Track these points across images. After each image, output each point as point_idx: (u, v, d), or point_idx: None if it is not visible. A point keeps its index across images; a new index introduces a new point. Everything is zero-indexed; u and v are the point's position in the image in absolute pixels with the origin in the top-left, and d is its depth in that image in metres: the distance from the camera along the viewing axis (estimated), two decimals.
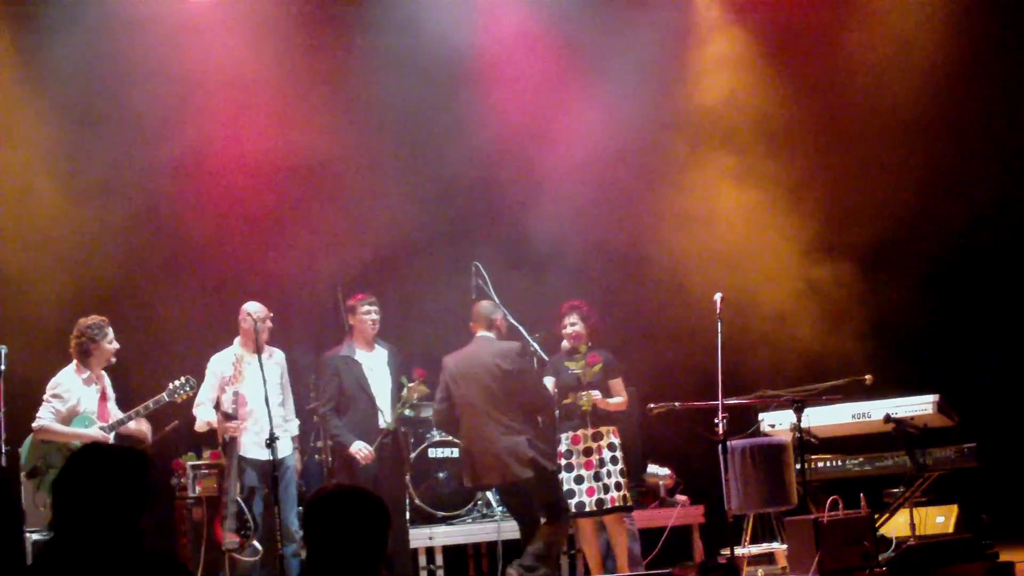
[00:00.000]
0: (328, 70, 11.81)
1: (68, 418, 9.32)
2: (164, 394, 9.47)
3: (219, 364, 9.87)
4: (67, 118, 11.02)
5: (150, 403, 9.44)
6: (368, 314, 9.92)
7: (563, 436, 9.80)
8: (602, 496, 9.65)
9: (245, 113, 11.40)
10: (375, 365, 9.94)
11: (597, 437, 9.74)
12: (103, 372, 9.57)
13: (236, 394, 9.59)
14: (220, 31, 11.26)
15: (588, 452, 9.72)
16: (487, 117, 11.98)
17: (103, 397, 9.51)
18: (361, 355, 9.94)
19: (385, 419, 9.77)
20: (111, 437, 9.28)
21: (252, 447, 9.64)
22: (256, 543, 9.40)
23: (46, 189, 10.91)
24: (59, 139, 10.99)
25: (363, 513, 4.11)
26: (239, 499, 9.47)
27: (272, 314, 9.90)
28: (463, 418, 9.64)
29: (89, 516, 3.92)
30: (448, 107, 11.90)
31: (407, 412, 10.03)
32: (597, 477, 9.66)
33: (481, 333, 9.82)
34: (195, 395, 9.65)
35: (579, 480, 9.69)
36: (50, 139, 10.97)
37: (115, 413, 9.53)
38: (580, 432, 9.75)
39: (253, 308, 9.77)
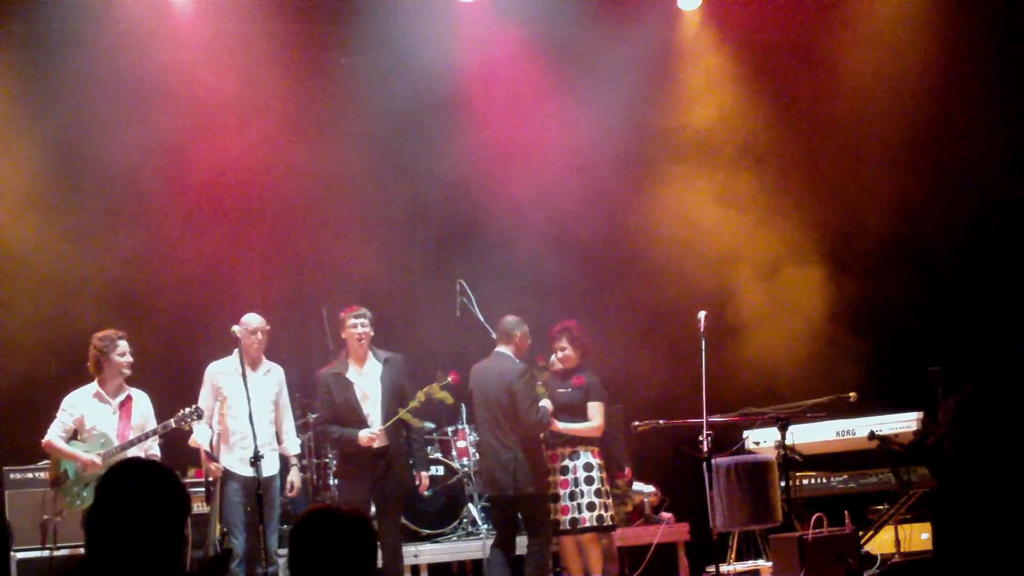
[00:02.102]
0: (312, 90, 11.83)
1: (79, 434, 9.22)
2: (172, 420, 9.27)
3: (216, 371, 9.72)
4: (48, 146, 11.01)
5: (158, 428, 9.31)
6: (354, 327, 9.75)
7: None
8: (576, 515, 9.68)
9: (229, 134, 11.40)
10: (367, 383, 9.78)
11: (574, 456, 9.77)
12: (132, 391, 9.42)
13: (217, 435, 9.51)
14: (202, 53, 11.25)
15: (564, 471, 9.74)
16: (471, 135, 12.00)
17: (124, 416, 9.33)
18: (353, 371, 9.79)
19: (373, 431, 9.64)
20: (102, 464, 9.02)
21: (236, 463, 9.55)
22: None
23: (28, 216, 10.91)
24: (40, 166, 10.98)
25: (349, 535, 4.05)
26: (216, 541, 9.46)
27: (267, 328, 9.81)
28: (477, 428, 9.75)
29: (126, 537, 3.85)
30: (433, 125, 11.91)
31: (407, 416, 9.76)
32: (572, 496, 9.68)
33: (499, 348, 9.87)
34: (197, 421, 9.44)
35: (555, 498, 9.71)
36: (31, 167, 10.96)
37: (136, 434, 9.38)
38: (558, 451, 9.77)
39: (247, 320, 9.70)
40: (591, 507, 9.68)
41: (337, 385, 9.74)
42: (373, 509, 9.78)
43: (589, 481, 9.70)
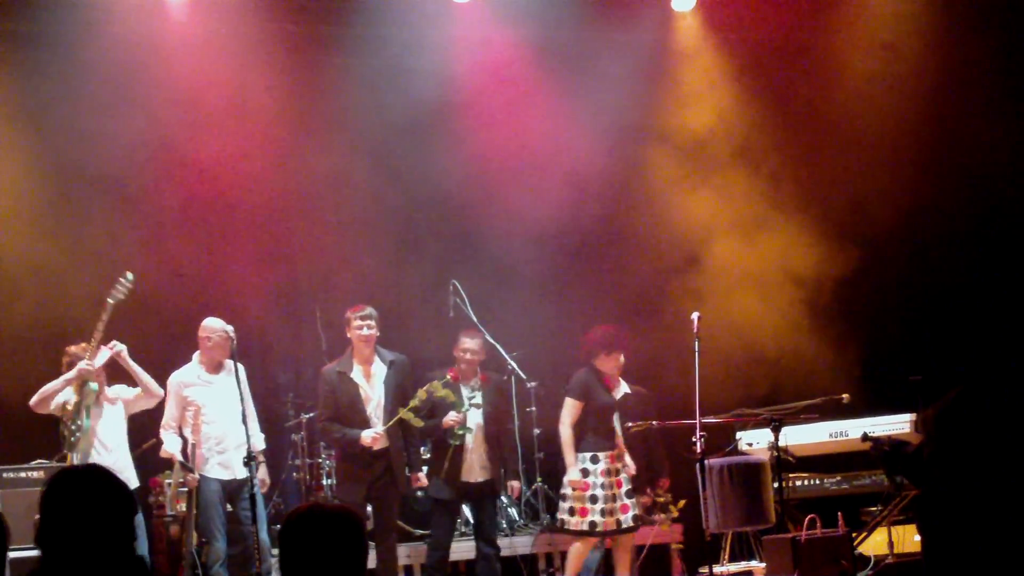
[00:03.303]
0: (307, 89, 11.79)
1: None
2: (109, 300, 9.19)
3: (179, 382, 9.72)
4: (42, 145, 11.00)
5: (100, 324, 9.19)
6: (360, 329, 9.70)
7: (602, 455, 9.90)
8: (636, 512, 9.97)
9: (224, 134, 11.36)
10: (372, 384, 9.76)
11: (619, 458, 10.00)
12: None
13: (193, 446, 9.50)
14: (197, 53, 11.23)
15: (616, 472, 9.97)
16: (466, 136, 11.98)
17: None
18: (358, 372, 9.76)
19: (377, 431, 9.64)
20: (94, 365, 9.24)
21: (215, 467, 9.57)
22: None
23: (21, 215, 10.91)
24: (33, 165, 10.97)
25: (339, 533, 4.06)
26: (193, 551, 9.46)
27: (230, 329, 9.62)
28: None
29: (79, 537, 3.89)
30: (428, 125, 11.88)
31: (408, 415, 9.69)
32: (629, 495, 9.94)
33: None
34: (134, 287, 9.33)
35: (615, 499, 9.87)
36: (25, 166, 10.96)
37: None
38: (613, 452, 9.94)
39: (216, 324, 9.66)
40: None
41: (341, 384, 9.72)
42: (369, 509, 9.79)
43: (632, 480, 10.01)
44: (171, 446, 9.57)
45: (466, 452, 10.08)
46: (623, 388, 10.40)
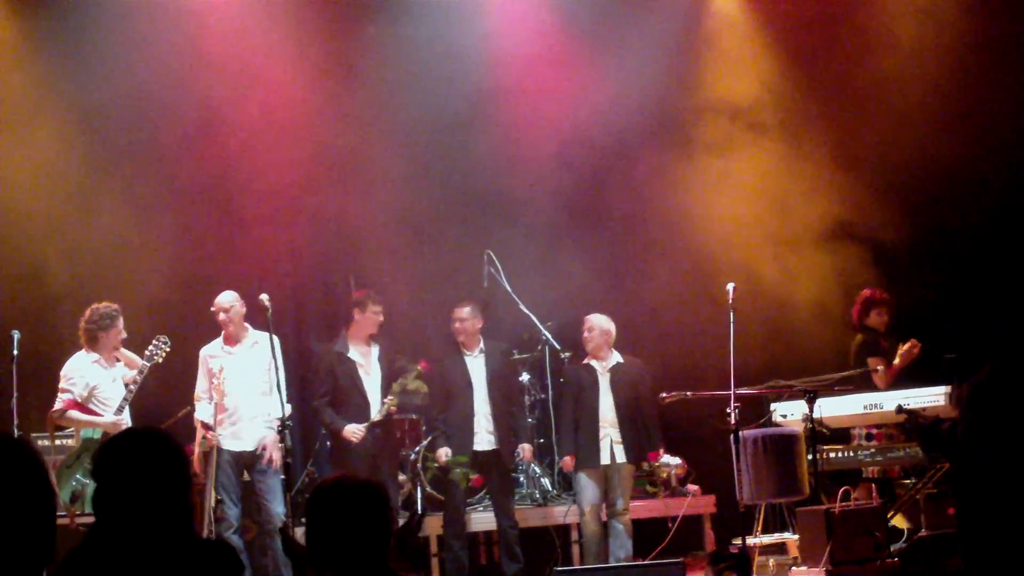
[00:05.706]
0: (342, 57, 11.79)
1: (88, 401, 9.35)
2: (144, 362, 9.37)
3: (206, 355, 9.83)
4: (82, 102, 11.01)
5: (137, 377, 9.34)
6: (378, 314, 10.14)
7: None
8: None
9: (259, 99, 11.39)
10: (368, 362, 10.13)
11: None
12: (122, 359, 9.56)
13: (215, 406, 9.58)
14: (233, 17, 11.26)
15: None
16: (500, 103, 11.95)
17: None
18: (355, 351, 10.11)
19: (373, 413, 9.94)
20: (125, 419, 9.23)
21: (228, 439, 9.64)
22: None
23: (55, 189, 10.95)
24: (73, 127, 11.00)
25: (365, 505, 4.11)
26: (210, 511, 9.56)
27: (230, 306, 9.75)
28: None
29: (133, 502, 3.83)
30: (464, 97, 11.84)
31: (391, 405, 9.98)
32: None
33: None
34: (168, 350, 9.48)
35: None
36: (65, 129, 10.99)
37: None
38: None
39: (224, 299, 9.79)
40: None
41: (340, 365, 10.06)
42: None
43: None
44: (201, 413, 9.70)
45: (473, 421, 10.22)
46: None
